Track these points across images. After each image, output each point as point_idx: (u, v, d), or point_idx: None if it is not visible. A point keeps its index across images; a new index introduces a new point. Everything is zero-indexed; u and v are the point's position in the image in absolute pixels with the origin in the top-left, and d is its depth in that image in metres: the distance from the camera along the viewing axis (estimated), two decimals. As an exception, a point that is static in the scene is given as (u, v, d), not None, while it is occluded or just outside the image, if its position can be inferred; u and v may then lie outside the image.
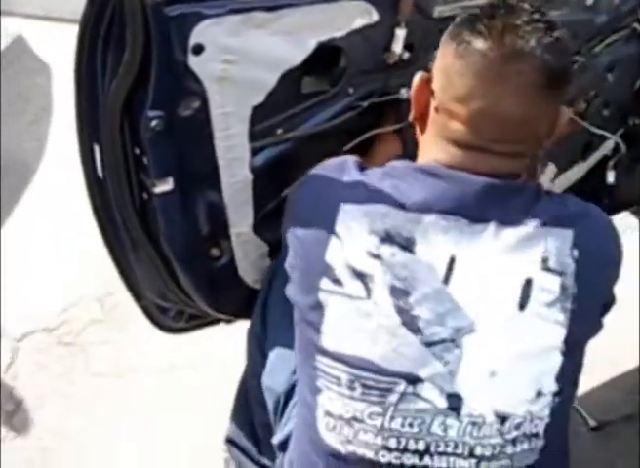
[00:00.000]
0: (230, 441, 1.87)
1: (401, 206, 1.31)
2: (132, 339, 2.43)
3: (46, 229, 2.86)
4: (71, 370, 2.33)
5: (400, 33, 1.61)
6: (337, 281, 1.31)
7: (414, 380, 1.27)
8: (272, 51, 1.49)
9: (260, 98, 1.52)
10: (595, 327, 1.38)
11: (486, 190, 1.30)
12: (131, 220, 1.58)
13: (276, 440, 1.54)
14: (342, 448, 1.30)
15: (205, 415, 2.21)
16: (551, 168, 1.97)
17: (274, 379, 1.57)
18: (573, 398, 1.41)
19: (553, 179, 2.02)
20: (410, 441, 1.27)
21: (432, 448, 1.27)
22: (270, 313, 1.62)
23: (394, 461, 1.27)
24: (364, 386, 1.28)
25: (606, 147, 2.10)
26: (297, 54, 1.52)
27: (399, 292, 1.28)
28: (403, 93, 1.69)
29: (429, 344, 1.27)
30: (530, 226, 1.29)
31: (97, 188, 1.61)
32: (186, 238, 1.61)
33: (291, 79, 1.56)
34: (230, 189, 1.59)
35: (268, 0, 1.46)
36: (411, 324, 1.27)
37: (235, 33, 1.43)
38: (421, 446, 1.27)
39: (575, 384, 1.39)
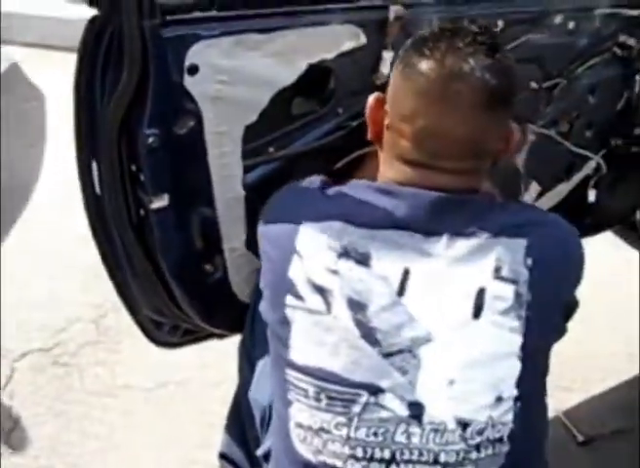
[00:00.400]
0: (223, 456, 1.90)
1: (356, 223, 1.35)
2: (124, 359, 2.48)
3: (42, 252, 2.90)
4: (67, 390, 2.37)
5: (387, 55, 1.65)
6: (299, 296, 1.35)
7: (375, 391, 1.30)
8: (264, 72, 1.54)
9: (252, 118, 1.56)
10: (556, 332, 1.41)
11: (437, 204, 1.35)
12: (127, 236, 1.61)
13: (260, 451, 1.57)
14: (314, 459, 1.33)
15: (194, 431, 2.26)
16: (535, 187, 2.01)
17: (260, 392, 1.60)
18: (541, 404, 1.42)
19: (536, 199, 2.06)
20: (376, 450, 1.30)
21: (398, 457, 1.29)
22: (256, 327, 1.64)
23: None
24: (329, 397, 1.31)
25: (588, 167, 2.14)
26: (288, 75, 1.57)
27: (357, 306, 1.32)
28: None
29: (388, 355, 1.30)
30: (482, 237, 1.32)
31: (94, 205, 1.64)
32: (181, 253, 1.64)
33: (282, 99, 1.60)
34: (224, 205, 1.62)
35: (261, 23, 1.51)
36: (369, 336, 1.31)
37: (229, 55, 1.47)
38: (387, 454, 1.29)
39: (541, 391, 1.41)
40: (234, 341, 1.97)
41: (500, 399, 1.29)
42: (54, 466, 2.14)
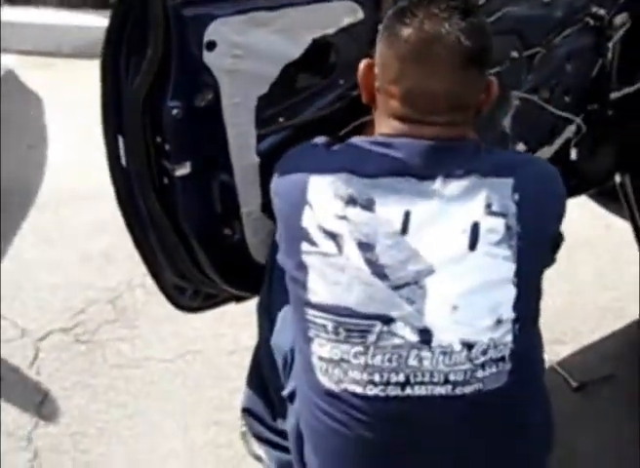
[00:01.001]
0: (246, 410, 2.05)
1: (359, 173, 1.50)
2: (142, 334, 2.61)
3: (57, 241, 3.06)
4: (91, 364, 2.49)
5: None
6: (313, 242, 1.50)
7: (387, 320, 1.44)
8: (273, 46, 1.68)
9: (264, 90, 1.71)
10: (545, 260, 1.57)
11: (429, 151, 1.50)
12: (153, 204, 1.75)
13: (286, 392, 1.70)
14: (336, 388, 1.47)
15: (214, 395, 2.41)
16: (522, 147, 2.17)
17: (281, 338, 1.73)
18: (536, 326, 1.57)
19: (523, 159, 2.21)
20: (391, 374, 1.44)
21: (411, 379, 1.43)
22: (274, 280, 1.77)
23: (380, 394, 1.44)
24: (347, 330, 1.45)
25: (569, 131, 2.29)
26: (295, 49, 1.71)
27: (365, 246, 1.46)
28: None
29: (396, 288, 1.44)
30: (472, 178, 1.47)
31: (120, 176, 1.78)
32: (203, 217, 1.79)
33: (290, 73, 1.75)
34: (240, 172, 1.77)
35: (269, 1, 1.66)
36: (379, 272, 1.45)
37: (242, 31, 1.63)
38: (402, 377, 1.43)
39: (535, 313, 1.56)
40: (246, 312, 2.13)
41: (499, 321, 1.43)
42: (85, 432, 2.27)
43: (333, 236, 1.48)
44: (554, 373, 2.45)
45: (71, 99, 4.09)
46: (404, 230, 1.46)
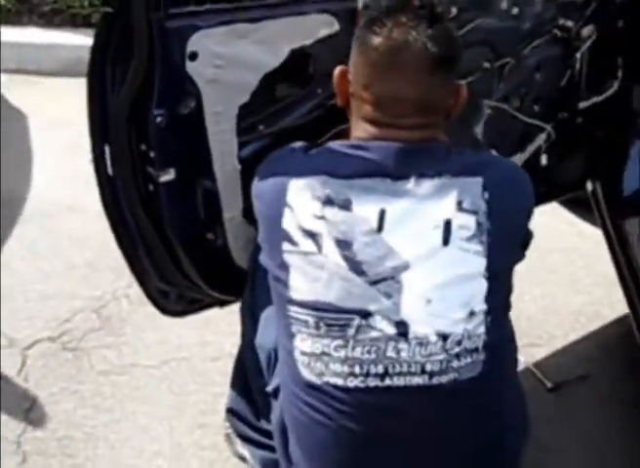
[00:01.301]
0: (230, 410, 2.11)
1: (336, 175, 1.57)
2: (128, 342, 2.66)
3: (42, 253, 3.11)
4: (78, 371, 2.53)
5: None
6: (293, 242, 1.57)
7: (366, 314, 1.51)
8: (253, 57, 1.76)
9: (244, 98, 1.78)
10: (515, 256, 1.65)
11: (402, 153, 1.57)
12: (138, 210, 1.81)
13: (270, 388, 1.76)
14: (318, 380, 1.55)
15: (198, 400, 2.46)
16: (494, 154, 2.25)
17: (264, 337, 1.80)
18: (507, 319, 1.65)
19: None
20: (371, 366, 1.51)
21: (390, 370, 1.51)
22: (257, 283, 1.83)
23: (360, 385, 1.52)
24: (327, 325, 1.53)
25: (540, 139, 2.37)
26: (274, 59, 1.79)
27: (343, 244, 1.54)
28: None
29: (374, 283, 1.52)
30: (444, 177, 1.56)
31: (107, 185, 1.84)
32: (186, 222, 1.85)
33: (269, 82, 1.83)
34: (223, 178, 1.83)
35: (249, 14, 1.74)
36: (357, 268, 1.53)
37: (223, 42, 1.70)
38: (381, 369, 1.51)
39: (506, 306, 1.64)
40: (230, 320, 2.19)
41: (472, 313, 1.51)
42: (72, 436, 2.32)
43: (312, 235, 1.55)
44: (529, 375, 2.51)
45: (55, 116, 4.16)
46: (380, 228, 1.54)
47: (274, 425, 1.74)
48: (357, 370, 1.52)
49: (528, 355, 2.57)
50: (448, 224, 1.53)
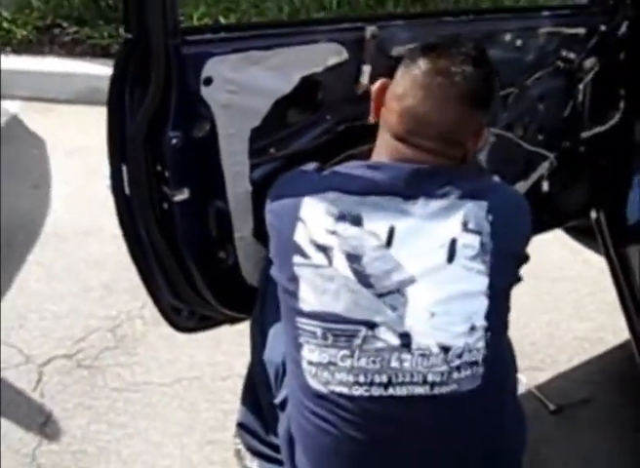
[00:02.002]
0: (241, 425, 2.17)
1: (349, 192, 1.66)
2: (141, 361, 2.73)
3: (60, 274, 3.19)
4: (92, 388, 2.60)
5: (366, 69, 1.95)
6: (305, 255, 1.64)
7: (372, 325, 1.58)
8: (266, 83, 1.83)
9: (256, 122, 1.85)
10: (512, 277, 1.71)
11: (414, 174, 1.66)
12: (153, 228, 1.87)
13: (278, 400, 1.82)
14: (324, 389, 1.61)
15: (209, 417, 2.52)
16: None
17: (273, 352, 1.86)
18: (505, 336, 1.71)
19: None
20: (375, 375, 1.57)
21: (393, 380, 1.57)
22: (267, 300, 1.90)
23: (364, 393, 1.58)
24: (334, 335, 1.59)
25: (543, 167, 2.44)
26: (285, 85, 1.86)
27: (353, 258, 1.61)
28: (370, 119, 2.04)
29: (380, 295, 1.59)
30: (451, 198, 1.64)
31: (123, 204, 1.90)
32: (199, 241, 1.92)
33: (281, 107, 1.90)
34: (234, 199, 1.90)
35: (261, 42, 1.82)
36: (364, 281, 1.60)
37: (236, 68, 1.77)
38: (384, 378, 1.57)
39: (504, 325, 1.70)
40: (240, 341, 2.26)
41: (473, 328, 1.57)
42: (86, 451, 2.38)
43: (323, 249, 1.63)
44: (532, 397, 2.56)
45: (72, 142, 4.25)
46: (388, 243, 1.62)
47: (281, 436, 1.80)
48: (362, 379, 1.58)
49: (531, 378, 2.62)
50: (453, 243, 1.60)
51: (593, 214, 2.71)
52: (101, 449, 2.40)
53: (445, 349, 1.57)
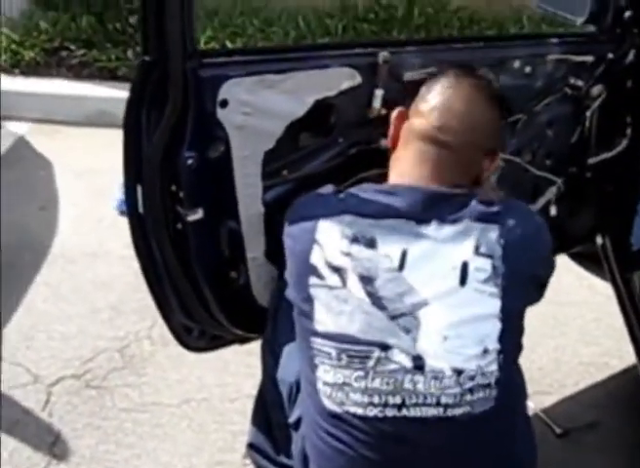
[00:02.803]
0: (251, 445, 2.16)
1: (364, 215, 1.68)
2: (149, 382, 2.75)
3: (68, 296, 3.21)
4: (101, 408, 2.62)
5: (379, 93, 1.97)
6: (320, 276, 1.66)
7: (385, 347, 1.59)
8: (280, 106, 1.86)
9: (270, 145, 1.88)
10: (529, 298, 1.73)
11: (427, 198, 1.69)
12: (166, 248, 1.89)
13: (292, 419, 1.82)
14: (339, 409, 1.61)
15: (217, 438, 2.54)
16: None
17: (286, 372, 1.86)
18: (517, 358, 1.71)
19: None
20: (389, 396, 1.58)
21: (407, 401, 1.58)
22: (278, 321, 1.92)
23: (379, 414, 1.59)
24: (348, 356, 1.61)
25: (551, 192, 2.46)
26: (299, 109, 1.88)
27: (367, 280, 1.63)
28: (382, 142, 2.06)
29: (394, 318, 1.61)
30: (464, 222, 1.66)
31: (137, 223, 1.91)
32: (212, 260, 1.93)
33: (294, 130, 1.92)
34: (247, 220, 1.92)
35: (276, 65, 1.85)
36: (378, 303, 1.61)
37: (251, 91, 1.80)
38: (398, 399, 1.58)
39: (518, 346, 1.71)
40: (248, 363, 2.27)
41: (485, 351, 1.58)
42: (93, 471, 2.40)
43: (338, 270, 1.65)
44: (538, 420, 2.57)
45: (79, 164, 4.30)
46: (401, 266, 1.63)
47: (295, 456, 1.80)
48: (376, 399, 1.59)
49: (538, 402, 2.63)
50: (465, 266, 1.62)
51: (599, 240, 2.72)
52: (108, 471, 2.41)
53: (458, 372, 1.58)
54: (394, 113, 1.84)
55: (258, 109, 1.83)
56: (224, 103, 1.78)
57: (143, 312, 3.02)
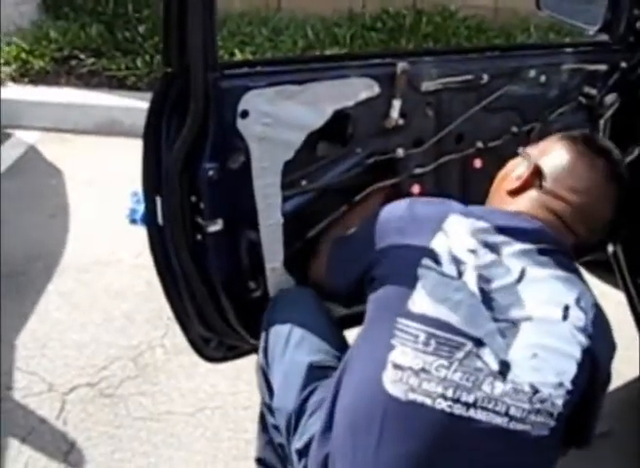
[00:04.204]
0: (259, 460, 2.15)
1: (496, 227, 1.71)
2: (163, 390, 2.76)
3: (82, 305, 3.22)
4: (115, 417, 2.63)
5: (396, 103, 1.99)
6: (437, 261, 1.66)
7: (480, 343, 1.58)
8: (299, 116, 1.86)
9: (289, 155, 1.88)
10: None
11: (550, 238, 1.73)
12: (185, 259, 1.89)
13: (298, 446, 1.74)
14: (403, 396, 1.56)
15: (231, 446, 2.55)
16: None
17: (283, 400, 1.80)
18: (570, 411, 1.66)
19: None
20: (463, 393, 1.55)
21: (479, 403, 1.55)
22: (270, 342, 1.88)
23: (446, 409, 1.54)
24: (438, 343, 1.58)
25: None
26: (318, 119, 1.90)
27: (484, 279, 1.64)
28: (399, 152, 2.07)
29: (497, 320, 1.61)
30: (572, 276, 1.69)
31: (156, 234, 1.92)
32: (231, 271, 1.94)
33: (313, 141, 1.94)
34: (266, 230, 1.92)
35: (295, 76, 1.86)
36: (487, 302, 1.62)
37: (271, 102, 1.81)
38: (471, 399, 1.55)
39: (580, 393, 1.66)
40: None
41: (560, 384, 1.58)
42: (109, 479, 2.41)
43: (458, 262, 1.66)
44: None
45: (89, 173, 4.32)
46: (519, 280, 1.66)
47: None
48: (450, 393, 1.56)
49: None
50: (567, 308, 1.64)
51: (610, 248, 2.73)
52: (124, 479, 2.42)
53: (534, 390, 1.57)
54: (533, 166, 1.86)
55: (278, 120, 1.84)
56: (245, 114, 1.79)
57: (156, 321, 3.04)
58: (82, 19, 5.65)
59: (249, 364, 2.49)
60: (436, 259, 1.67)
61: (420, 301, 1.63)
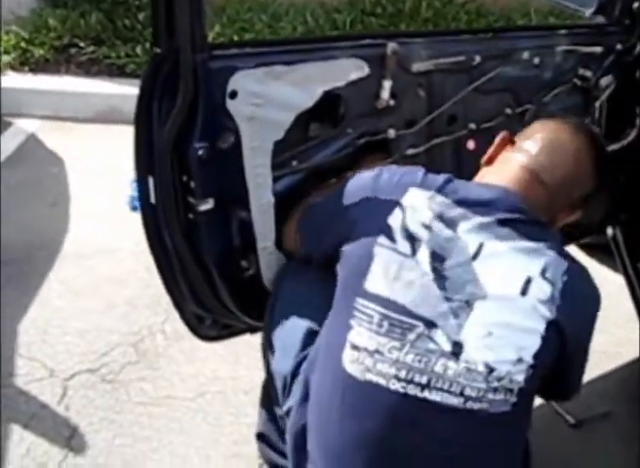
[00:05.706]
0: (259, 435, 2.16)
1: (455, 201, 1.69)
2: (163, 375, 2.77)
3: (83, 291, 3.23)
4: (116, 402, 2.64)
5: (387, 84, 2.00)
6: (392, 239, 1.66)
7: (431, 325, 1.59)
8: (289, 97, 1.87)
9: (279, 135, 1.89)
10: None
11: (516, 209, 1.70)
12: (178, 237, 1.90)
13: (285, 408, 1.82)
14: (360, 376, 1.60)
15: (233, 430, 2.56)
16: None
17: (280, 364, 1.86)
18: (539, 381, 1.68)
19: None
20: (416, 374, 1.57)
21: (432, 383, 1.57)
22: (276, 312, 1.92)
23: (400, 390, 1.58)
24: (391, 324, 1.60)
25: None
26: (308, 99, 1.90)
27: (437, 257, 1.64)
28: (391, 133, 2.07)
29: (449, 299, 1.61)
30: (540, 244, 1.66)
31: (149, 213, 1.92)
32: (223, 249, 1.95)
33: (303, 121, 1.94)
34: (257, 209, 1.93)
35: (285, 57, 1.86)
36: (440, 282, 1.62)
37: (261, 82, 1.81)
38: (424, 380, 1.57)
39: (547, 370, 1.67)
40: (260, 357, 2.27)
41: (520, 360, 1.58)
42: (111, 464, 2.42)
43: (412, 239, 1.66)
44: (552, 411, 2.57)
45: (89, 161, 4.32)
46: (475, 257, 1.64)
47: (288, 443, 1.79)
48: (402, 374, 1.58)
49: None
50: (528, 282, 1.62)
51: (610, 231, 2.73)
52: (127, 463, 2.43)
53: (489, 369, 1.57)
54: (499, 136, 1.86)
55: (267, 100, 1.84)
56: (234, 94, 1.79)
57: (156, 307, 3.04)
58: (81, 6, 5.63)
59: (248, 348, 2.53)
60: (391, 236, 1.66)
61: (375, 281, 1.64)
